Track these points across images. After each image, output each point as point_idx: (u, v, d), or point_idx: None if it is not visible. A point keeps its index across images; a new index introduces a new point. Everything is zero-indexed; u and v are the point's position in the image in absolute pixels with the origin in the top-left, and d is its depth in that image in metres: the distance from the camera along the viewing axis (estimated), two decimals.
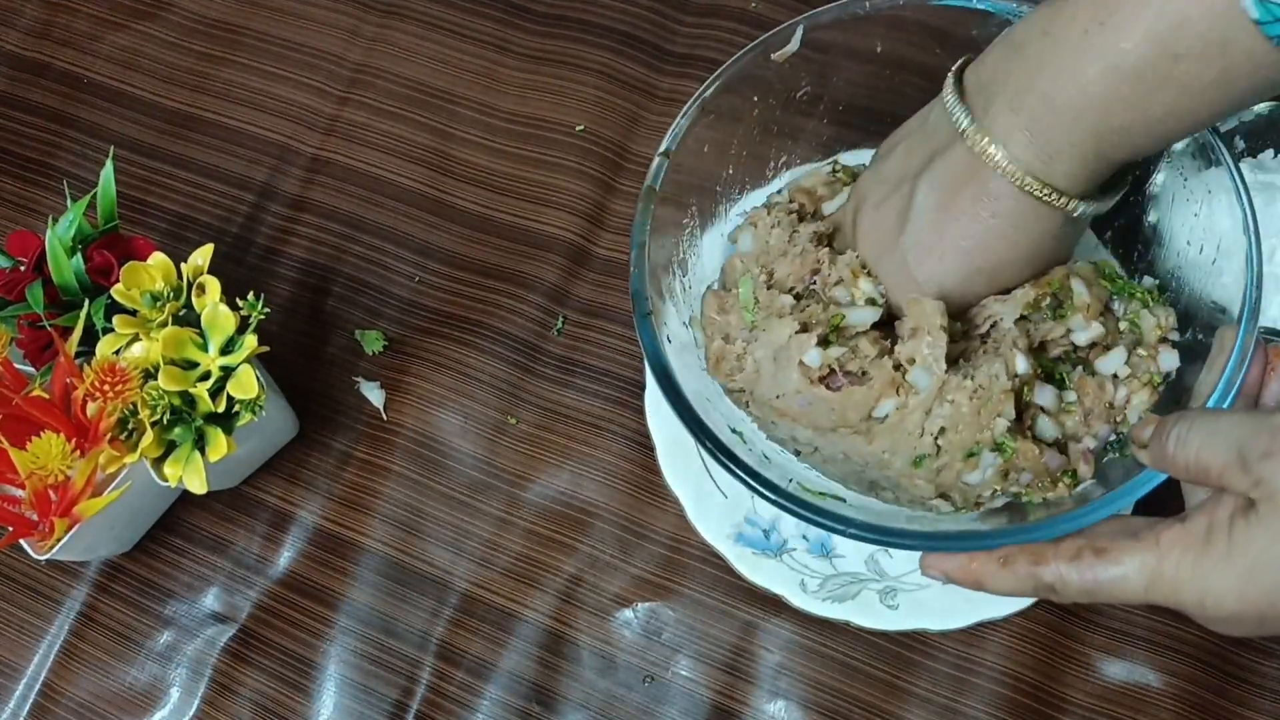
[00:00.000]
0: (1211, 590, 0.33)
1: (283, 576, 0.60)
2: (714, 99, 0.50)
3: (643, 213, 0.48)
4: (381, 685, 0.57)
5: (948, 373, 0.43)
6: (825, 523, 0.41)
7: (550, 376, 0.62)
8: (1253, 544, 0.33)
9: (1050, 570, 0.38)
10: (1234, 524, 0.33)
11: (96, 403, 0.50)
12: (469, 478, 0.61)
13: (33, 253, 0.56)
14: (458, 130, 0.69)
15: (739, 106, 0.52)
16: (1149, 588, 0.35)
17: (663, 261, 0.49)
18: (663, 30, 0.70)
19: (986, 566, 0.40)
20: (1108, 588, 0.36)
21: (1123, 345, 0.45)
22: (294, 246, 0.67)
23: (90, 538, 0.55)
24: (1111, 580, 0.36)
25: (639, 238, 0.47)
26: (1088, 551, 0.37)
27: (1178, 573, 0.34)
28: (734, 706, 0.55)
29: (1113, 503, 0.39)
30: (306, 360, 0.64)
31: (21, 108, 0.73)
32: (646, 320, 0.46)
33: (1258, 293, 0.41)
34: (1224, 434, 0.34)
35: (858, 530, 0.41)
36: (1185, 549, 0.34)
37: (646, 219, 0.48)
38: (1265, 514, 0.33)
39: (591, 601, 0.58)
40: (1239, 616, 0.33)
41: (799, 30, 0.50)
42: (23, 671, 0.59)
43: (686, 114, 0.49)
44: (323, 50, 0.72)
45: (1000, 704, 0.53)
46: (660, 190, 0.48)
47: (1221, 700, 0.53)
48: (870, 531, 0.41)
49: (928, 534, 0.43)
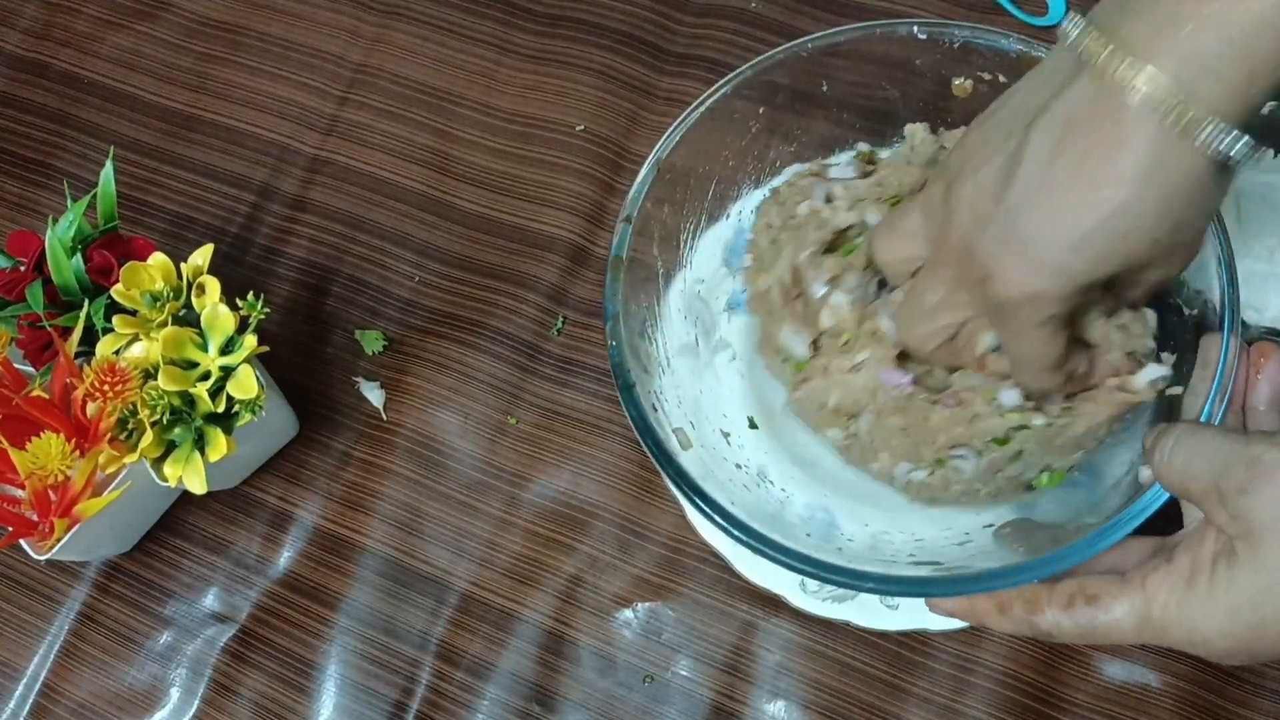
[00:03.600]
0: (1198, 630, 0.34)
1: (283, 576, 0.60)
2: (669, 158, 0.51)
3: (613, 282, 0.48)
4: (381, 685, 0.57)
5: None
6: (841, 580, 0.41)
7: (550, 376, 0.62)
8: (1233, 585, 0.33)
9: (1046, 619, 0.38)
10: (1216, 565, 0.34)
11: (96, 403, 0.50)
12: (469, 478, 0.61)
13: (33, 253, 0.56)
14: (458, 130, 0.69)
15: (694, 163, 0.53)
16: (1139, 630, 0.36)
17: (638, 326, 0.50)
18: (663, 30, 0.70)
19: (987, 611, 0.41)
20: (1101, 632, 0.37)
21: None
22: (294, 246, 0.67)
23: (90, 538, 0.55)
24: (1104, 625, 0.37)
25: (613, 308, 0.47)
26: (1079, 599, 0.38)
27: (1165, 615, 0.35)
28: (734, 706, 0.55)
29: (1107, 536, 0.39)
30: (306, 360, 0.64)
31: (21, 108, 0.73)
32: (631, 392, 0.46)
33: (1234, 295, 0.41)
34: (1204, 458, 0.34)
35: (872, 584, 0.41)
36: (1170, 590, 0.35)
37: (618, 288, 0.47)
38: (1242, 553, 0.33)
39: (591, 601, 0.58)
40: (1230, 652, 0.34)
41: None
42: (23, 671, 0.59)
43: (644, 178, 0.50)
44: (323, 50, 0.72)
45: (1000, 704, 0.53)
46: (627, 257, 0.48)
47: (1221, 700, 0.53)
48: (872, 582, 0.41)
49: (924, 579, 0.43)
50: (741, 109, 0.53)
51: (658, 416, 0.47)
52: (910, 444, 0.45)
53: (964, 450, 0.44)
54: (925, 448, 0.45)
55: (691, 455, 0.48)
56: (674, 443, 0.47)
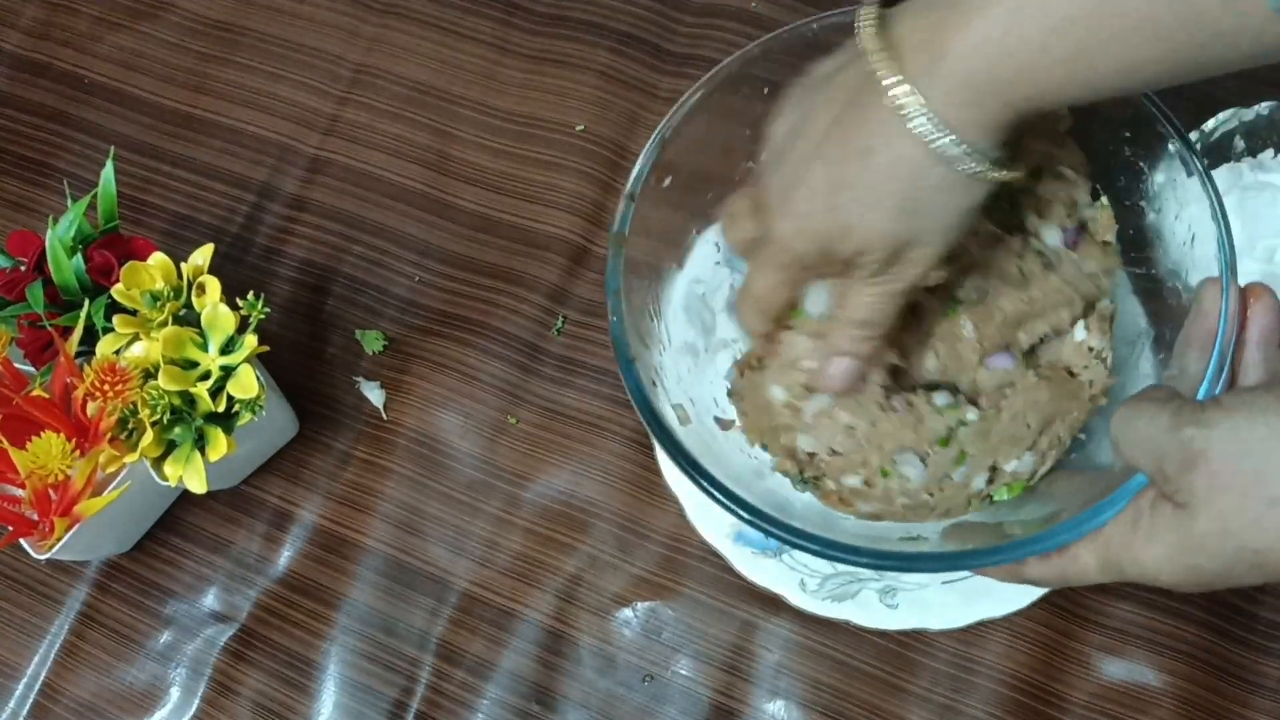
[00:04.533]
0: (1147, 569, 0.38)
1: (283, 576, 0.60)
2: (672, 138, 0.50)
3: (614, 258, 0.47)
4: (381, 685, 0.57)
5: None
6: (837, 555, 0.42)
7: (550, 376, 0.62)
8: (1171, 532, 0.37)
9: (1030, 571, 0.42)
10: (1155, 510, 0.38)
11: (96, 403, 0.50)
12: (469, 477, 0.61)
13: (33, 253, 0.56)
14: (458, 130, 0.69)
15: (702, 139, 0.52)
16: (1102, 571, 0.40)
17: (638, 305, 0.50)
18: (663, 30, 0.70)
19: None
20: (1075, 576, 0.41)
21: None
22: (294, 246, 0.67)
23: (90, 537, 0.55)
24: (1076, 572, 0.41)
25: (615, 284, 0.47)
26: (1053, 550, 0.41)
27: (1119, 555, 0.39)
28: (734, 706, 0.55)
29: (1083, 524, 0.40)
30: (306, 360, 0.64)
31: (21, 108, 0.73)
32: (631, 365, 0.46)
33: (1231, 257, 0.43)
34: (1144, 443, 0.38)
35: (868, 558, 0.42)
36: (1120, 533, 0.39)
37: (619, 265, 0.47)
38: (1180, 515, 0.36)
39: (591, 601, 0.58)
40: (1177, 585, 0.38)
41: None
42: (23, 671, 0.59)
43: (648, 154, 0.49)
44: (323, 50, 0.72)
45: (1000, 703, 0.54)
46: (629, 234, 0.48)
47: (1221, 700, 0.53)
48: (867, 556, 0.42)
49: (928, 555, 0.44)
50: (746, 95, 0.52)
51: (657, 391, 0.47)
52: (856, 448, 0.46)
53: (909, 453, 0.45)
54: (872, 454, 0.46)
55: (690, 431, 0.47)
56: (672, 417, 0.47)
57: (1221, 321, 0.41)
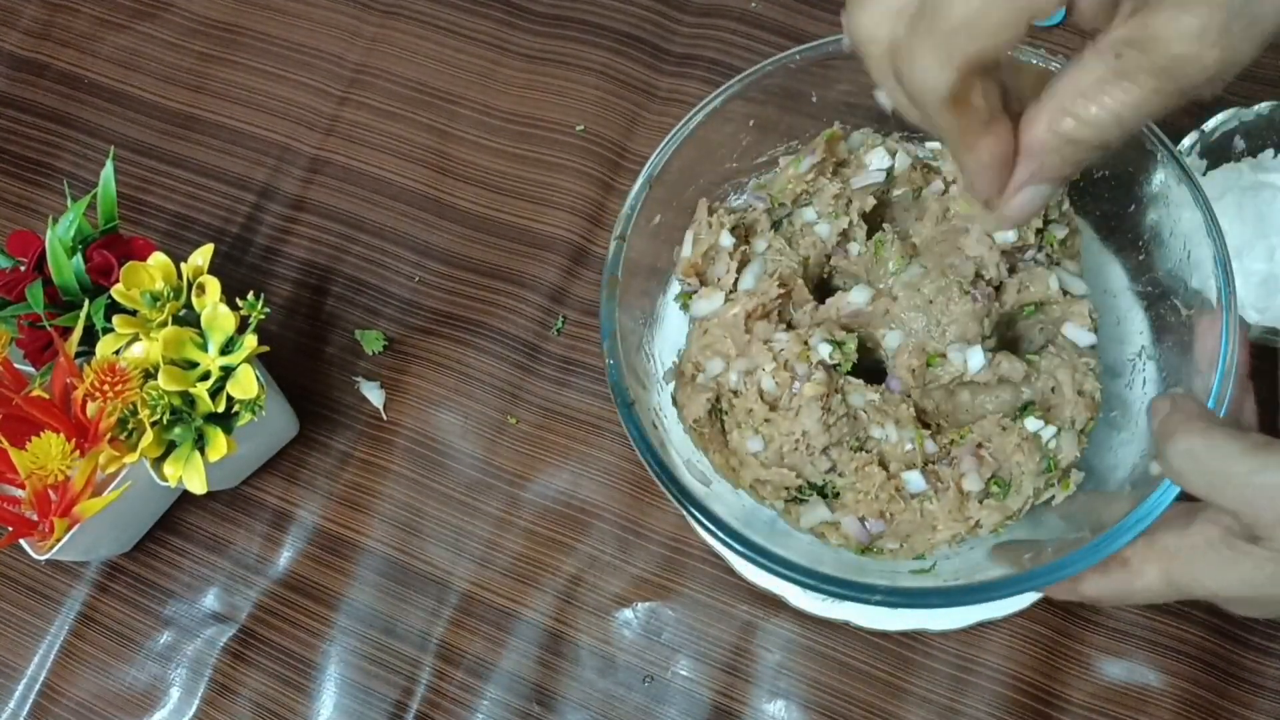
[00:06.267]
0: (1217, 594, 0.38)
1: (283, 576, 0.60)
2: (660, 174, 0.50)
3: (608, 301, 0.47)
4: (381, 685, 0.57)
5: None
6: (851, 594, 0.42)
7: (550, 376, 0.62)
8: (1241, 563, 0.37)
9: (1089, 585, 0.42)
10: (1227, 539, 0.38)
11: (96, 403, 0.50)
12: (469, 478, 0.61)
13: (33, 253, 0.56)
14: (458, 130, 0.69)
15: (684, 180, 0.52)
16: (1166, 591, 0.40)
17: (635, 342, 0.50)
18: (663, 30, 0.70)
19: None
20: (1139, 594, 0.41)
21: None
22: (294, 246, 0.67)
23: (90, 538, 0.55)
24: (1140, 590, 0.40)
25: (610, 326, 0.46)
26: (1114, 563, 0.41)
27: (1187, 577, 0.39)
28: (734, 706, 0.55)
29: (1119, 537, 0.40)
30: (306, 360, 0.64)
31: (21, 108, 0.73)
32: (630, 410, 0.45)
33: (1229, 284, 0.43)
34: (1220, 478, 0.37)
35: (882, 596, 0.42)
36: (1189, 556, 0.39)
37: (613, 308, 0.47)
38: (1250, 544, 0.37)
39: (591, 601, 0.58)
40: (1244, 610, 0.39)
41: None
42: (23, 671, 0.59)
43: (636, 195, 0.49)
44: (323, 50, 0.72)
45: (1000, 704, 0.54)
46: (621, 274, 0.48)
47: (1221, 700, 0.53)
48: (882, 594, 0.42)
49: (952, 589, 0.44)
50: (737, 111, 0.52)
51: (658, 434, 0.47)
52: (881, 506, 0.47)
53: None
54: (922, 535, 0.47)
55: (692, 466, 0.47)
56: (678, 461, 0.47)
57: (1224, 340, 0.41)
